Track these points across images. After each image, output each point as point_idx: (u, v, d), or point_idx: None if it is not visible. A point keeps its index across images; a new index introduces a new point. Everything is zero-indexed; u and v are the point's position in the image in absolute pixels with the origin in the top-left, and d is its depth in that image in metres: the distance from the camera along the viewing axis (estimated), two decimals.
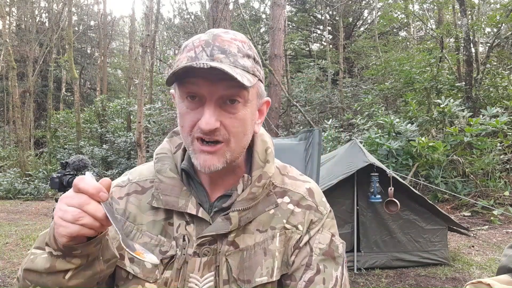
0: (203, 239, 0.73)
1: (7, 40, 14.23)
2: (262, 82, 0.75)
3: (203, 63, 0.62)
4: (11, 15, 20.92)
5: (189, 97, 0.68)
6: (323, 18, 16.84)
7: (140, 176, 0.84)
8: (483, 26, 10.09)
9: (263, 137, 0.83)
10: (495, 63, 10.51)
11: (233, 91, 0.67)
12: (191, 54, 0.67)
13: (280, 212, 0.78)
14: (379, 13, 14.64)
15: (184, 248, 0.74)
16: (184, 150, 0.82)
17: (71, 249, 0.63)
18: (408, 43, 15.21)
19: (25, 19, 22.31)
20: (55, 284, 0.65)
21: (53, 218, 0.64)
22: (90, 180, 0.61)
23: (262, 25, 17.37)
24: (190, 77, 0.66)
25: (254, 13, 17.51)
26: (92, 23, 25.24)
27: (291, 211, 0.79)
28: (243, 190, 0.76)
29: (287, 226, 0.78)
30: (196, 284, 0.73)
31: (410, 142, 7.22)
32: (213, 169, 0.70)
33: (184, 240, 0.74)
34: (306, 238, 0.78)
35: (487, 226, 6.01)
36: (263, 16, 17.43)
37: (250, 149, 0.81)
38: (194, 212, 0.75)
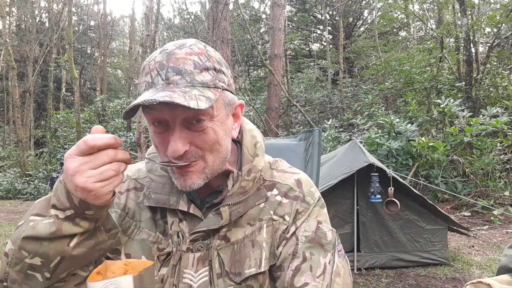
0: (195, 235, 0.74)
1: (7, 40, 14.23)
2: (228, 89, 0.73)
3: (152, 100, 0.60)
4: (11, 15, 20.91)
5: (156, 123, 0.69)
6: (323, 18, 16.84)
7: (138, 173, 0.85)
8: (483, 26, 10.10)
9: (253, 133, 0.83)
10: (495, 63, 10.51)
11: (195, 112, 0.66)
12: (148, 79, 0.67)
13: (268, 204, 0.79)
14: (379, 13, 14.64)
15: (179, 245, 0.75)
16: None
17: (85, 207, 0.61)
18: (408, 43, 15.21)
19: (25, 19, 22.31)
20: (57, 252, 0.62)
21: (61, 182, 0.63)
22: (100, 135, 0.60)
23: (262, 25, 17.37)
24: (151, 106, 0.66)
25: (254, 13, 17.50)
26: (92, 23, 25.25)
27: (278, 202, 0.79)
28: (233, 185, 0.77)
29: (274, 217, 0.78)
30: (191, 280, 0.74)
31: (410, 142, 7.22)
32: (194, 188, 0.70)
33: (178, 236, 0.75)
34: (292, 229, 0.78)
35: (487, 226, 6.01)
36: (263, 16, 17.42)
37: (240, 144, 0.82)
38: (185, 209, 0.76)
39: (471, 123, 6.82)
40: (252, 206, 0.78)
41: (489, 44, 10.38)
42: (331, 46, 16.76)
